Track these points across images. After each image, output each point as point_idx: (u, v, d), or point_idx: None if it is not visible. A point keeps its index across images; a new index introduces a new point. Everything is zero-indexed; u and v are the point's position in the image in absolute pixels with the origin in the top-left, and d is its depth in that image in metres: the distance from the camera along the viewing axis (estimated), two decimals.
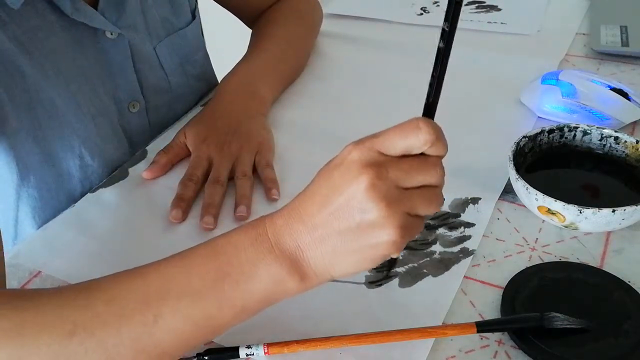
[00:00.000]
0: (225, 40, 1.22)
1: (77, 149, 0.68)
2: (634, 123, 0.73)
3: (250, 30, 0.91)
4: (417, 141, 0.40)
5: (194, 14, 0.84)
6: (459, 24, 0.44)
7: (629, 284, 0.52)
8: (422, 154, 0.42)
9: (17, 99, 0.62)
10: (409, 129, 0.41)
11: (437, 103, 0.43)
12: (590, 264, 0.55)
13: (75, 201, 0.67)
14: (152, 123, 0.79)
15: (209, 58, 0.90)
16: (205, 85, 0.87)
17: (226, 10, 0.91)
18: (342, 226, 0.41)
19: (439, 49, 0.41)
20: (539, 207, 0.57)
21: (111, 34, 0.70)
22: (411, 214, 0.41)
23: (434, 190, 0.42)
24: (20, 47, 0.61)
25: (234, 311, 0.43)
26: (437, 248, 0.58)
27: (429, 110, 0.43)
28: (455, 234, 0.59)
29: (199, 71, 0.85)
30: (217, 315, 0.43)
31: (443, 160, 0.43)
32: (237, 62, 0.82)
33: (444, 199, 0.44)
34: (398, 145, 0.41)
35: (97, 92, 0.70)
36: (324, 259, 0.42)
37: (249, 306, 0.44)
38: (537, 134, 0.64)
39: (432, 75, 0.42)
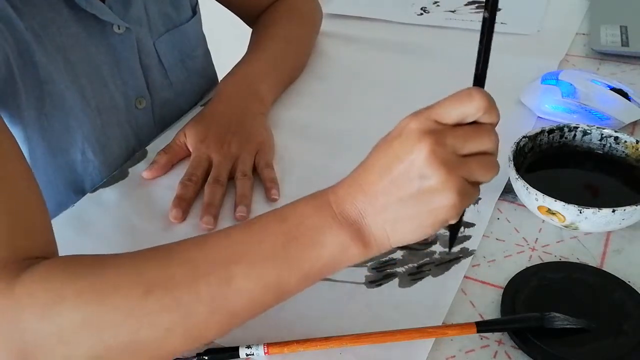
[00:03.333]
0: (225, 40, 1.22)
1: (80, 143, 0.69)
2: (634, 123, 0.73)
3: (250, 30, 0.91)
4: (471, 108, 0.42)
5: (195, 10, 0.84)
6: (459, 24, 0.44)
7: (629, 284, 0.52)
8: (475, 122, 0.43)
9: (29, 89, 0.63)
10: (463, 97, 0.42)
11: (485, 73, 0.45)
12: (590, 264, 0.55)
13: (76, 195, 0.67)
14: (157, 120, 0.79)
15: (209, 54, 0.90)
16: (206, 81, 0.87)
17: (226, 9, 0.91)
18: (402, 193, 0.42)
19: (484, 18, 0.43)
20: (539, 207, 0.57)
21: (119, 29, 0.70)
22: (469, 180, 0.42)
23: (489, 157, 0.44)
24: (35, 37, 0.62)
25: (300, 275, 0.44)
26: (437, 248, 0.58)
27: (479, 80, 0.45)
28: None
29: (199, 67, 0.85)
30: (284, 279, 0.44)
31: None
32: (237, 62, 0.82)
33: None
34: (453, 113, 0.42)
35: (108, 87, 0.71)
36: (385, 226, 0.43)
37: (314, 271, 0.45)
38: (537, 134, 0.64)
39: (479, 46, 0.44)
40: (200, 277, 0.44)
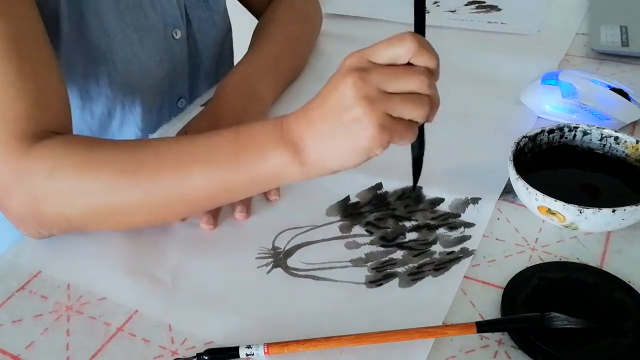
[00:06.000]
0: None
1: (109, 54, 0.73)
2: (634, 123, 0.73)
3: (251, 29, 0.91)
4: (402, 49, 0.47)
5: None
6: (459, 24, 0.45)
7: (629, 284, 0.52)
8: (410, 64, 0.47)
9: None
10: (395, 39, 0.47)
11: (424, 20, 0.49)
12: (590, 264, 0.55)
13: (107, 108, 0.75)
14: (190, 56, 0.82)
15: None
16: (226, 25, 0.90)
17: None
18: (333, 122, 0.49)
19: None
20: (539, 207, 0.57)
21: None
22: (393, 115, 0.47)
23: (419, 97, 0.48)
24: None
25: (246, 181, 0.53)
26: (437, 248, 0.58)
27: (418, 28, 0.49)
28: (455, 234, 0.59)
29: (222, 6, 0.87)
30: (233, 181, 0.53)
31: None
32: (238, 61, 0.82)
33: (432, 110, 0.49)
34: (384, 53, 0.47)
35: (143, 10, 0.74)
36: (318, 151, 0.50)
37: (258, 180, 0.53)
38: (537, 134, 0.64)
39: None
40: (164, 166, 0.54)
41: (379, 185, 0.65)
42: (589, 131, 0.64)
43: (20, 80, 0.56)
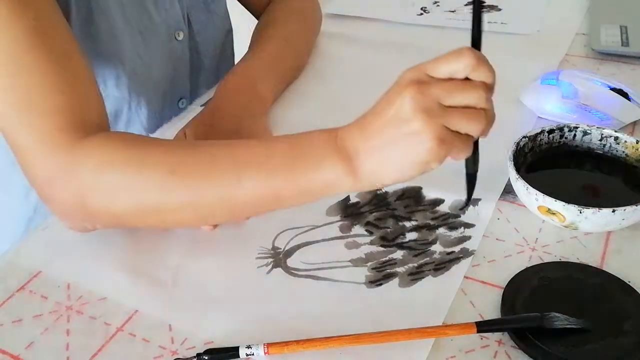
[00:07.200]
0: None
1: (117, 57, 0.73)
2: (634, 123, 0.73)
3: (251, 29, 0.91)
4: (460, 64, 0.46)
5: None
6: (459, 24, 0.46)
7: (629, 284, 0.52)
8: (468, 79, 0.47)
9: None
10: (454, 54, 0.47)
11: (480, 35, 0.49)
12: (590, 264, 0.55)
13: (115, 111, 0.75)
14: (192, 58, 0.82)
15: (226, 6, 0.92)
16: (227, 26, 0.90)
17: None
18: (390, 135, 0.48)
19: None
20: (539, 207, 0.57)
21: None
22: (451, 128, 0.47)
23: (476, 111, 0.47)
24: None
25: (297, 191, 0.52)
26: (437, 248, 0.58)
27: (475, 43, 0.49)
28: (455, 234, 0.59)
29: (223, 8, 0.88)
30: (284, 190, 0.52)
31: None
32: (238, 61, 0.82)
33: (488, 124, 0.49)
34: (443, 68, 0.47)
35: (148, 12, 0.75)
36: (373, 163, 0.49)
37: (310, 191, 0.52)
38: (537, 134, 0.64)
39: (473, 10, 0.49)
40: (216, 170, 0.53)
41: None
42: (589, 131, 0.65)
43: (56, 73, 0.55)
